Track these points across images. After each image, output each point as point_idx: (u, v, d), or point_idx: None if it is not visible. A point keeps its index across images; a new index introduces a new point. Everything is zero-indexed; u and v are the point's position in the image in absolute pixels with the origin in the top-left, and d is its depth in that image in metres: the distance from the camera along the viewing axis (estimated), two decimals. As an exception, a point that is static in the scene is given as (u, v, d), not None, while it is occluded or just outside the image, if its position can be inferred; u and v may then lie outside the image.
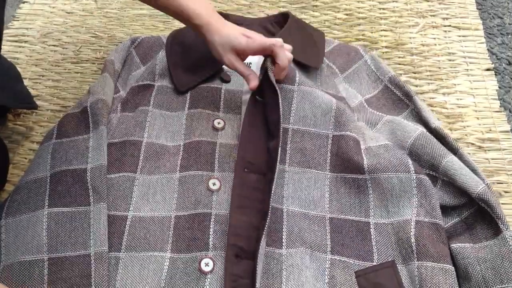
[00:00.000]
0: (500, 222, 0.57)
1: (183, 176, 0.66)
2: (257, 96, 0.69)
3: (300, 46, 0.76)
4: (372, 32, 0.93)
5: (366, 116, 0.74)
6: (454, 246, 0.60)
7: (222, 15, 0.75)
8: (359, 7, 0.98)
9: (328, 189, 0.65)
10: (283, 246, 0.59)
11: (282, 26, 0.83)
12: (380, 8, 0.98)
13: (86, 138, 0.68)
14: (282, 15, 0.84)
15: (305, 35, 0.80)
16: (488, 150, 0.76)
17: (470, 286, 0.56)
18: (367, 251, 0.60)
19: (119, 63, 0.80)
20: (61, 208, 0.62)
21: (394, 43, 0.91)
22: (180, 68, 0.77)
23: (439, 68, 0.87)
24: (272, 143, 0.65)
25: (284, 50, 0.66)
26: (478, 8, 0.97)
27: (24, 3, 1.04)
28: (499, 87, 0.85)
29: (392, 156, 0.64)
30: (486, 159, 0.75)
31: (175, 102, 0.74)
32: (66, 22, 0.99)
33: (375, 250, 0.60)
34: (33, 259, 0.58)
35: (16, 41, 0.97)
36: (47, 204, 0.62)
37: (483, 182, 0.61)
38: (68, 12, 1.02)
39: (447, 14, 0.95)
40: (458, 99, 0.82)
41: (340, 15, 0.97)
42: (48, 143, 0.69)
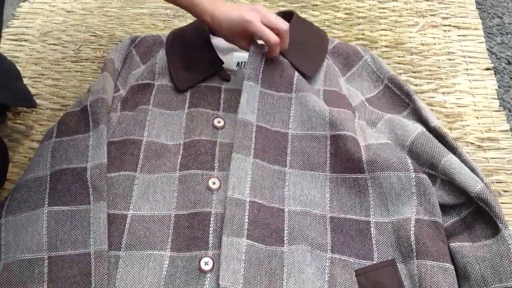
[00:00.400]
0: (499, 221, 0.57)
1: (183, 175, 0.66)
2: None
3: (299, 49, 0.76)
4: (371, 32, 0.93)
5: (367, 114, 0.74)
6: (453, 245, 0.60)
7: None
8: (359, 7, 0.98)
9: (328, 189, 0.65)
10: (285, 244, 0.59)
11: None
12: (380, 8, 0.98)
13: (86, 136, 0.68)
14: (286, 14, 0.82)
15: (306, 36, 0.79)
16: (488, 150, 0.76)
17: (469, 285, 0.56)
18: (367, 250, 0.60)
19: (119, 62, 0.80)
20: (61, 207, 0.62)
21: (394, 42, 0.91)
22: (180, 67, 0.77)
23: (439, 67, 0.87)
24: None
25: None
26: (477, 8, 0.97)
27: (24, 1, 1.04)
28: (499, 87, 0.85)
29: (391, 155, 0.65)
30: (486, 158, 0.75)
31: (175, 101, 0.74)
32: (66, 21, 0.99)
33: (375, 249, 0.60)
34: (33, 257, 0.58)
35: (16, 39, 0.97)
36: (47, 202, 0.62)
37: (481, 181, 0.61)
38: (68, 11, 1.02)
39: (447, 14, 0.96)
40: (457, 98, 0.82)
41: (340, 14, 0.97)
42: (48, 141, 0.69)
